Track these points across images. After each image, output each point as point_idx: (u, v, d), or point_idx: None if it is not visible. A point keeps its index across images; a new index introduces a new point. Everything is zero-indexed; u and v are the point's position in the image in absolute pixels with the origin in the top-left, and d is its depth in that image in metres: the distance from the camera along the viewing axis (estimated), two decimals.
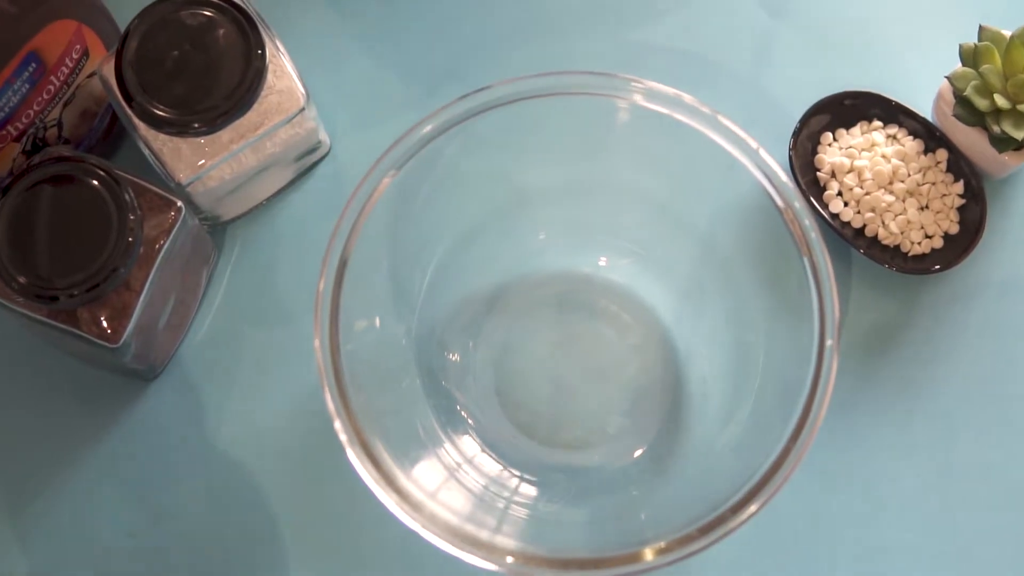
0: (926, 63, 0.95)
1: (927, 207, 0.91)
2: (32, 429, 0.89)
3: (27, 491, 0.88)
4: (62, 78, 0.84)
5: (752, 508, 0.69)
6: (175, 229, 0.81)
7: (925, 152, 0.92)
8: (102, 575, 0.86)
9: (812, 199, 0.91)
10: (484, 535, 0.71)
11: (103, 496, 0.88)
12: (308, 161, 0.93)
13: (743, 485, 0.70)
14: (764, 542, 0.86)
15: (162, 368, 0.89)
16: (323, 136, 0.92)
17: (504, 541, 0.71)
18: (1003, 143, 0.89)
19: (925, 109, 0.94)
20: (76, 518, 0.87)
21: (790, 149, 0.92)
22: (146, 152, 0.84)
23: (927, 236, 0.91)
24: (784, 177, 0.77)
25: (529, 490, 0.85)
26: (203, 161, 0.84)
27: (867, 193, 0.91)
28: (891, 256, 0.90)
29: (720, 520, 0.69)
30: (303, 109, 0.85)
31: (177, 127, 0.81)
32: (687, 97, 0.78)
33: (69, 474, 0.88)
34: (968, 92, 0.88)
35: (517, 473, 0.85)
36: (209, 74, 0.81)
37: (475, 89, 0.78)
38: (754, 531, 0.71)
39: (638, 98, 0.78)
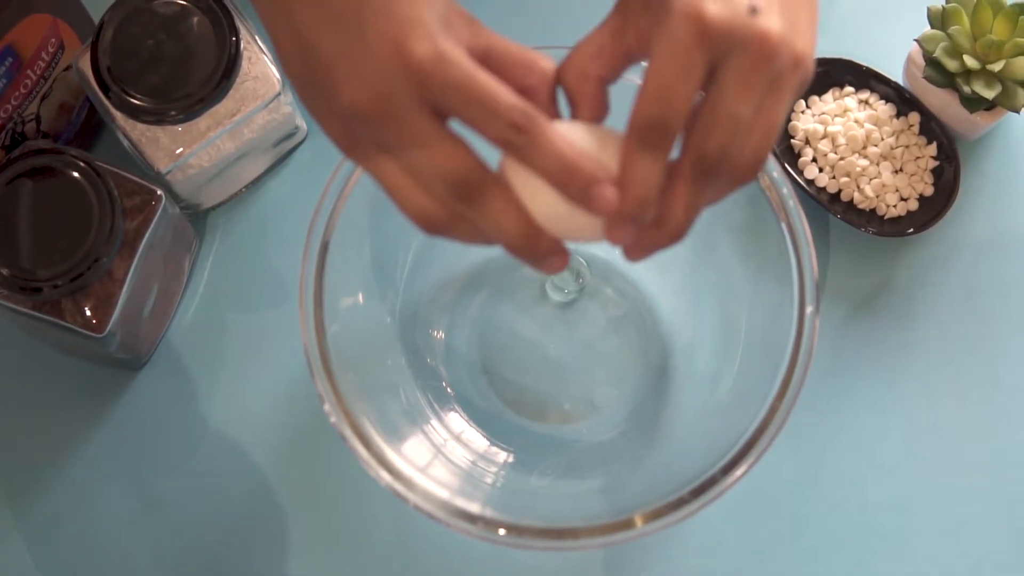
0: (895, 27, 0.96)
1: (901, 170, 0.92)
2: (22, 424, 0.89)
3: (22, 484, 0.88)
4: (39, 72, 0.84)
5: (741, 469, 0.70)
6: (156, 218, 0.81)
7: (897, 116, 0.93)
8: (99, 563, 0.87)
9: (787, 166, 0.91)
10: (475, 509, 0.71)
11: (97, 486, 0.88)
12: (286, 147, 0.93)
13: (732, 447, 0.71)
14: (755, 503, 0.87)
15: (148, 357, 0.90)
16: (300, 122, 0.92)
17: (495, 514, 0.71)
18: (974, 103, 0.89)
19: (896, 73, 0.95)
20: (72, 509, 0.87)
21: None
22: (125, 142, 0.85)
23: (902, 199, 0.92)
24: None
25: (518, 464, 0.85)
26: (181, 149, 0.84)
27: (841, 158, 0.91)
28: (867, 220, 0.91)
29: (711, 482, 0.70)
30: (279, 94, 0.85)
31: (154, 115, 0.81)
32: None
33: (62, 466, 0.88)
34: (938, 54, 0.89)
35: (505, 447, 0.86)
36: (184, 62, 0.82)
37: None
38: (745, 493, 0.72)
39: None
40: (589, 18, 0.98)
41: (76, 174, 0.78)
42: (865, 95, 0.94)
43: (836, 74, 0.94)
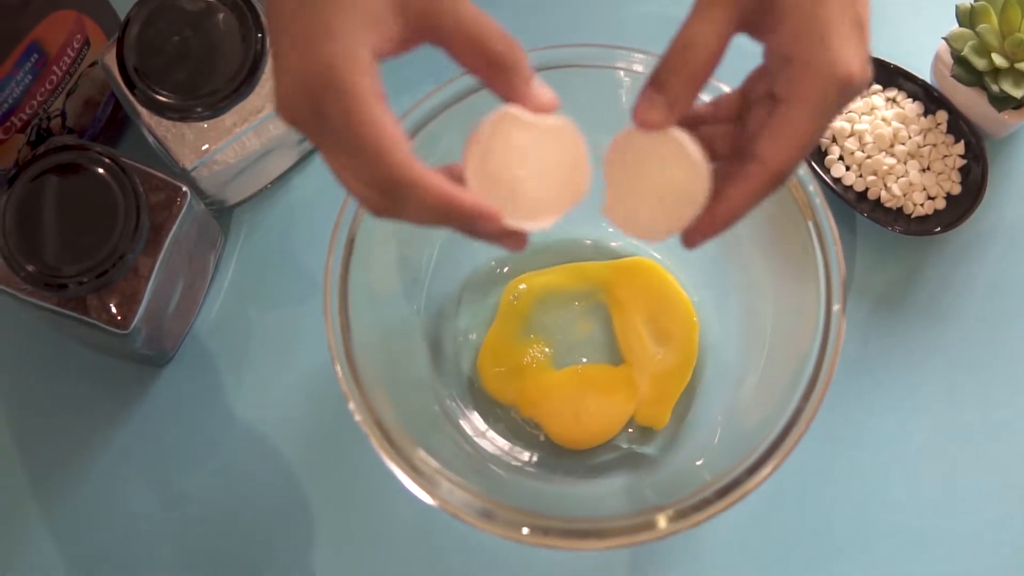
0: (923, 25, 0.95)
1: (928, 169, 0.91)
2: (48, 419, 0.90)
3: (48, 479, 0.88)
4: (64, 68, 0.85)
5: (766, 470, 0.70)
6: (181, 214, 0.81)
7: (925, 114, 0.92)
8: (125, 558, 0.87)
9: (814, 164, 0.91)
10: (498, 508, 0.71)
11: (121, 482, 0.88)
12: (311, 144, 0.93)
13: (757, 448, 0.70)
14: (778, 502, 0.86)
15: (173, 353, 0.90)
16: None
17: (519, 513, 0.71)
18: (1002, 102, 0.89)
19: (924, 71, 0.94)
20: (97, 504, 0.87)
21: None
22: (150, 139, 0.85)
23: (929, 197, 0.91)
24: None
25: (541, 463, 0.85)
26: (207, 146, 0.84)
27: (868, 157, 0.91)
28: (894, 218, 0.91)
29: (736, 483, 0.69)
30: None
31: (180, 112, 0.81)
32: None
33: (87, 462, 0.88)
34: (966, 52, 0.89)
35: (528, 447, 0.85)
36: (210, 59, 0.82)
37: None
38: (768, 492, 0.72)
39: (638, 68, 0.78)
40: (608, 16, 0.98)
41: (101, 170, 0.79)
42: (892, 93, 0.93)
43: None
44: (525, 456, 0.85)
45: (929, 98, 0.93)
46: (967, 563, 0.87)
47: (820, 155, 0.92)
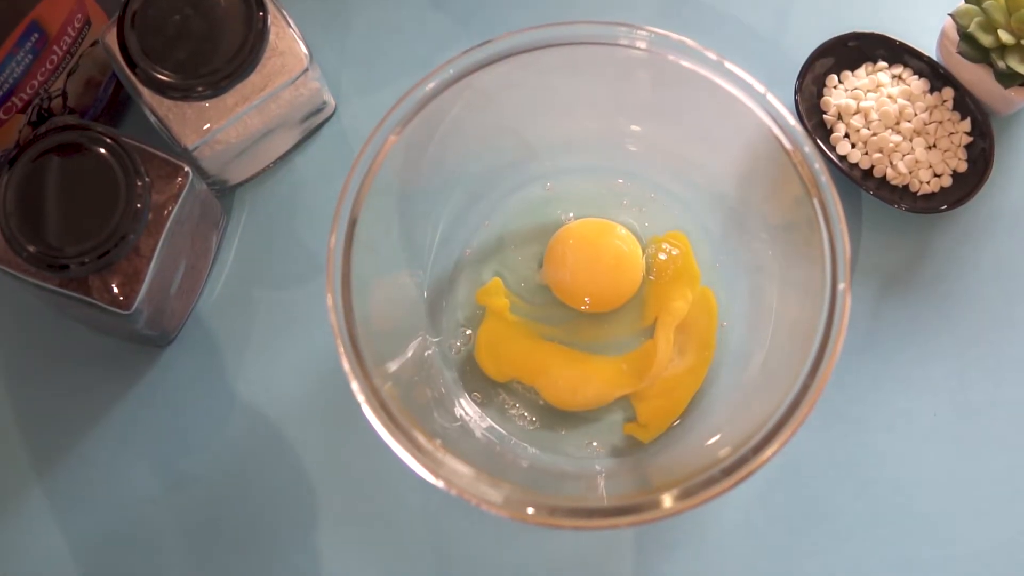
0: (929, 2, 0.95)
1: (934, 146, 0.91)
2: (50, 401, 0.89)
3: (50, 461, 0.88)
4: (65, 47, 0.84)
5: (773, 448, 0.69)
6: (183, 194, 0.81)
7: (931, 91, 0.92)
8: (127, 540, 0.87)
9: (819, 142, 0.91)
10: (503, 487, 0.71)
11: (124, 463, 0.88)
12: (314, 122, 0.93)
13: (763, 426, 0.70)
14: (785, 481, 0.86)
15: (175, 334, 0.89)
16: (327, 97, 0.92)
17: (524, 493, 0.71)
18: (1008, 78, 0.88)
19: (929, 48, 0.94)
20: (99, 486, 0.87)
21: (795, 93, 0.91)
22: (151, 118, 0.84)
23: (935, 175, 0.91)
24: (792, 120, 0.77)
25: (547, 443, 0.85)
26: (208, 125, 0.84)
27: (874, 134, 0.90)
28: (900, 196, 0.90)
29: (742, 461, 0.69)
30: (306, 70, 0.85)
31: (181, 91, 0.81)
32: (693, 43, 0.77)
33: (89, 443, 0.88)
34: (972, 29, 0.88)
35: (534, 426, 0.85)
36: (211, 38, 0.81)
37: (476, 44, 0.77)
38: (775, 471, 0.72)
39: (643, 46, 0.78)
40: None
41: (103, 150, 0.78)
42: (898, 70, 0.93)
43: (869, 49, 0.93)
44: (527, 435, 0.85)
45: (935, 75, 0.92)
46: (977, 542, 0.87)
47: (826, 132, 0.91)
